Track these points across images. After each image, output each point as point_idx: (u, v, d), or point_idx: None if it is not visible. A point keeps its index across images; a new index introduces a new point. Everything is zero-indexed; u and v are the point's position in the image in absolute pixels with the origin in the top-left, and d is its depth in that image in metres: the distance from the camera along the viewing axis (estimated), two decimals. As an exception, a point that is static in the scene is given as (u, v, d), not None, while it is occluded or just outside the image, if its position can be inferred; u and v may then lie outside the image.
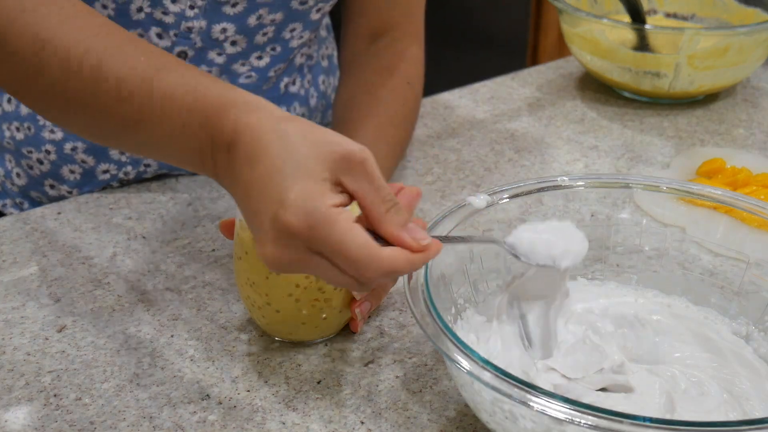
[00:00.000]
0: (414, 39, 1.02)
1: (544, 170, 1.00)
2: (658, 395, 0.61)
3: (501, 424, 0.57)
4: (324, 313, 0.70)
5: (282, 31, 0.92)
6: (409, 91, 0.98)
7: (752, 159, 1.00)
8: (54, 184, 0.98)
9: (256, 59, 0.93)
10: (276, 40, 0.93)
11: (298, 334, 0.72)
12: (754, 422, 0.50)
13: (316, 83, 1.06)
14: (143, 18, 0.87)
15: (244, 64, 0.93)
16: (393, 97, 0.95)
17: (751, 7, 1.20)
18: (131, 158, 0.95)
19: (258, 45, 0.92)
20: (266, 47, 0.93)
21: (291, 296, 0.69)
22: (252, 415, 0.66)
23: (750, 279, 0.69)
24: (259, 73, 0.95)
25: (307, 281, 0.68)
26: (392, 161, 0.92)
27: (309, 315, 0.70)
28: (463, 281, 0.69)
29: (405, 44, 1.00)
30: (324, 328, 0.72)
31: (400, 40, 1.00)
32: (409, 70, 0.99)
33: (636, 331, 0.69)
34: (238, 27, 0.89)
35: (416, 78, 1.00)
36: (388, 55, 0.99)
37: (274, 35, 0.92)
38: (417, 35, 1.02)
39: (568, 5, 1.15)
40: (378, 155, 0.90)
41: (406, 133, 0.97)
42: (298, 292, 0.68)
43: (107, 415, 0.66)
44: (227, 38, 0.89)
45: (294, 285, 0.68)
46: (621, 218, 0.74)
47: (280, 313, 0.70)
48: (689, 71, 1.10)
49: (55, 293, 0.79)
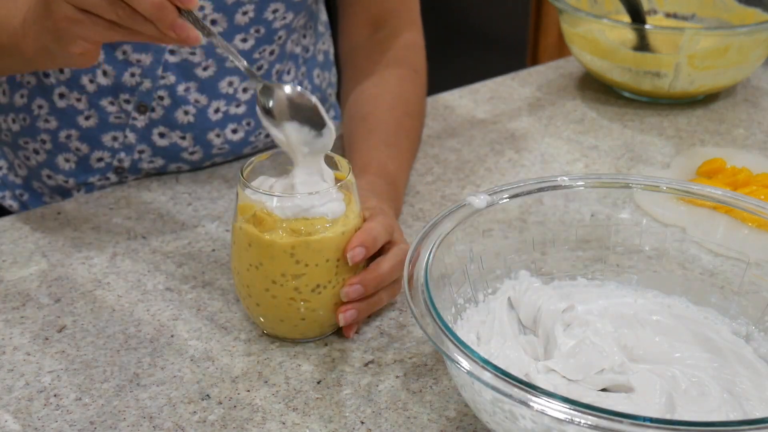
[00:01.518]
0: (413, 25, 1.03)
1: (544, 170, 1.00)
2: (658, 395, 0.61)
3: (501, 424, 0.57)
4: (302, 315, 0.70)
5: (263, 12, 0.93)
6: (417, 79, 1.00)
7: (752, 159, 1.00)
8: (51, 174, 0.99)
9: (241, 41, 0.94)
10: (258, 21, 0.94)
11: (279, 330, 0.72)
12: (754, 422, 0.50)
13: (311, 76, 1.06)
14: None
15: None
16: (404, 88, 0.97)
17: (751, 7, 1.20)
18: (124, 144, 0.96)
19: (240, 26, 0.93)
20: (249, 29, 0.94)
21: (268, 291, 0.70)
22: (252, 415, 0.66)
23: (750, 279, 0.69)
24: (245, 55, 0.95)
25: (282, 279, 0.69)
26: (413, 153, 0.95)
27: (287, 313, 0.70)
28: (463, 281, 0.69)
29: (405, 32, 1.02)
30: (305, 329, 0.72)
31: (399, 28, 1.02)
32: (413, 57, 1.01)
33: (636, 331, 0.69)
34: (216, 4, 0.90)
35: (420, 65, 1.02)
36: (391, 44, 1.00)
37: (255, 15, 0.93)
38: (415, 21, 1.04)
39: (568, 5, 1.15)
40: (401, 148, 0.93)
41: (420, 122, 0.99)
42: (274, 288, 0.69)
43: (107, 415, 0.66)
44: (206, 16, 0.90)
45: (270, 281, 0.69)
46: (621, 218, 0.74)
47: (260, 306, 0.71)
48: (689, 71, 1.10)
49: (55, 293, 0.79)
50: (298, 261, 0.68)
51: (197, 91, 0.95)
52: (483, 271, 0.71)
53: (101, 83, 0.93)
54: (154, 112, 0.95)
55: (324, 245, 0.68)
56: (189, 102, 0.95)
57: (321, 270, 0.69)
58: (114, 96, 0.93)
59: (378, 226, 0.71)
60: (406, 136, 0.94)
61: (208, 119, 0.96)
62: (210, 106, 0.96)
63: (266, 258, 0.68)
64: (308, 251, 0.68)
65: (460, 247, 0.68)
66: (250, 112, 0.99)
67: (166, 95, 0.94)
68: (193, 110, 0.95)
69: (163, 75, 0.93)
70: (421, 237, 0.65)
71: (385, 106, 0.95)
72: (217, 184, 0.97)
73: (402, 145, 0.92)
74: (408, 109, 0.96)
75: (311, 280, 0.69)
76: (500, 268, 0.72)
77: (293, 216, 0.68)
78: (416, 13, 1.04)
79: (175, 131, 0.96)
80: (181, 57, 0.92)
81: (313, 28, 1.06)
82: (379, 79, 0.97)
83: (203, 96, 0.95)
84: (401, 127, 0.94)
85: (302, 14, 0.99)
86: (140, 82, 0.93)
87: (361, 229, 0.71)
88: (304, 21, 1.02)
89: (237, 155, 1.01)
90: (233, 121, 0.98)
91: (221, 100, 0.96)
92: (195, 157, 0.98)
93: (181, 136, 0.96)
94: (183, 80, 0.94)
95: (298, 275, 0.69)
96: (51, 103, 0.94)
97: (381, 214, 0.73)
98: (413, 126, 0.96)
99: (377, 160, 0.88)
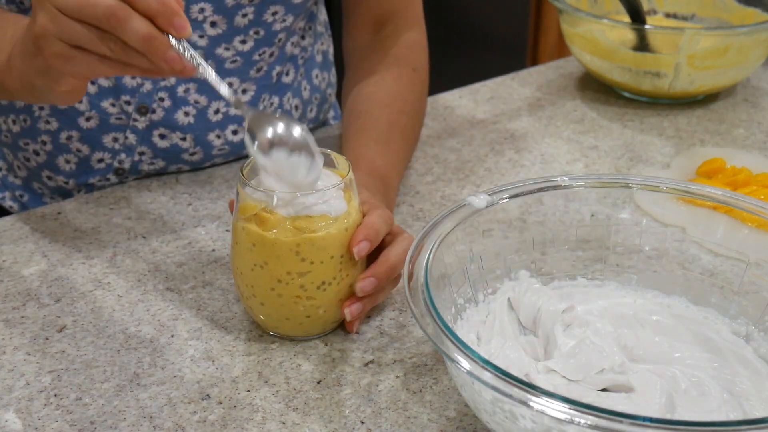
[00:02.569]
0: (415, 24, 1.03)
1: (544, 170, 1.00)
2: (658, 395, 0.61)
3: (501, 424, 0.57)
4: (307, 312, 0.71)
5: (263, 14, 0.93)
6: (415, 78, 0.99)
7: (752, 159, 1.00)
8: (51, 175, 0.99)
9: (240, 43, 0.94)
10: (258, 23, 0.93)
11: (283, 328, 0.72)
12: (754, 422, 0.50)
13: (310, 77, 1.06)
14: None
15: (228, 48, 0.93)
16: (401, 86, 0.97)
17: (751, 7, 1.20)
18: (124, 146, 0.96)
19: (239, 28, 0.93)
20: (249, 30, 0.93)
21: (273, 290, 0.70)
22: (252, 415, 0.66)
23: (750, 279, 0.69)
24: (244, 57, 0.95)
25: (288, 277, 0.69)
26: (408, 150, 0.95)
27: (292, 311, 0.70)
28: (463, 281, 0.69)
29: (407, 31, 1.02)
30: (309, 327, 0.72)
31: (402, 28, 1.02)
32: (413, 56, 1.00)
33: (636, 332, 0.69)
34: (215, 7, 0.90)
35: (421, 64, 1.01)
36: (392, 43, 1.00)
37: (255, 17, 0.93)
38: (418, 20, 1.04)
39: (568, 5, 1.15)
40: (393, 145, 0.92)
41: (417, 120, 0.99)
42: (280, 287, 0.69)
43: (107, 414, 0.66)
44: (206, 18, 0.90)
45: (276, 280, 0.69)
46: (621, 218, 0.74)
47: (265, 306, 0.71)
48: (689, 71, 1.10)
49: (55, 293, 0.79)
50: (303, 259, 0.68)
51: (197, 92, 0.95)
52: (483, 271, 0.71)
53: (102, 85, 0.93)
54: (154, 114, 0.95)
55: (328, 242, 0.68)
56: (189, 103, 0.95)
57: (326, 267, 0.69)
58: (115, 97, 0.93)
59: (378, 220, 0.72)
60: (400, 134, 0.93)
61: (209, 120, 0.96)
62: (210, 107, 0.96)
63: (271, 257, 0.68)
64: (313, 249, 0.68)
65: (460, 247, 0.68)
66: None
67: (167, 96, 0.94)
68: (194, 111, 0.95)
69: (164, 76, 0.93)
70: (421, 237, 0.65)
71: (379, 104, 0.94)
72: (217, 184, 0.97)
73: (394, 143, 0.92)
74: (404, 107, 0.96)
75: (317, 277, 0.69)
76: (500, 268, 0.72)
77: (296, 213, 0.68)
78: (419, 13, 1.04)
79: (175, 132, 0.96)
80: None
81: (312, 29, 1.06)
82: (378, 77, 0.97)
83: (203, 97, 0.95)
84: (395, 125, 0.93)
85: (302, 16, 0.99)
86: (141, 84, 0.93)
87: (362, 224, 0.71)
88: (303, 22, 1.02)
89: (237, 156, 1.01)
90: (233, 122, 0.98)
91: (221, 101, 0.96)
92: (195, 158, 0.98)
93: (181, 137, 0.96)
94: (183, 81, 0.94)
95: (304, 273, 0.69)
96: (51, 104, 0.94)
97: (378, 208, 0.74)
98: (408, 123, 0.96)
99: (366, 158, 0.88)
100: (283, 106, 1.03)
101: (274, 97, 1.01)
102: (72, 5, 0.64)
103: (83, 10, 0.64)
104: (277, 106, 1.02)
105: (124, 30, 0.64)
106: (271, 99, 1.01)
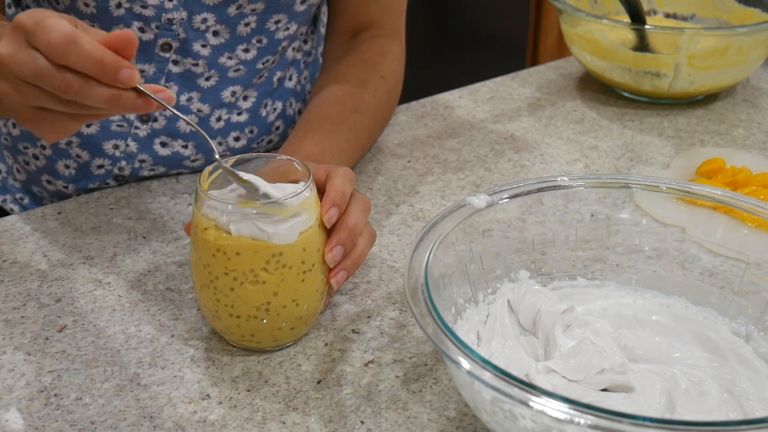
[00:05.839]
0: (393, 36, 1.03)
1: (544, 170, 1.00)
2: (658, 395, 0.61)
3: (501, 424, 0.57)
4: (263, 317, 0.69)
5: (266, 22, 0.93)
6: (380, 84, 0.97)
7: (752, 159, 1.00)
8: (50, 180, 0.99)
9: (243, 51, 0.94)
10: (261, 31, 0.93)
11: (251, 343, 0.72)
12: (754, 422, 0.50)
13: (313, 80, 1.06)
14: (123, 13, 0.87)
15: (231, 57, 0.93)
16: (363, 89, 0.95)
17: (751, 7, 1.20)
18: (125, 153, 0.96)
19: (242, 36, 0.92)
20: (251, 39, 0.93)
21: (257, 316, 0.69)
22: (252, 415, 0.66)
23: (750, 279, 0.69)
24: (248, 66, 0.95)
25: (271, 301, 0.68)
26: (353, 144, 0.92)
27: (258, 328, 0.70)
28: (463, 281, 0.69)
29: (384, 41, 1.01)
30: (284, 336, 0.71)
31: (379, 37, 1.01)
32: (385, 64, 0.99)
33: (636, 332, 0.69)
34: (218, 17, 0.90)
35: (391, 73, 1.00)
36: (365, 48, 1.00)
37: (257, 26, 0.92)
38: (397, 33, 1.03)
39: (568, 5, 1.15)
40: (335, 137, 0.90)
41: (374, 121, 0.96)
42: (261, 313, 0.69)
43: (108, 414, 0.66)
44: (209, 28, 0.90)
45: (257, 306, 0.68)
46: (621, 218, 0.74)
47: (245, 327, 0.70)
48: (689, 71, 1.10)
49: (55, 293, 0.79)
50: None
51: (199, 101, 0.95)
52: (483, 271, 0.71)
53: None
54: (156, 122, 0.94)
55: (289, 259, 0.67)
56: (191, 111, 0.95)
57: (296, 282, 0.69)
58: None
59: (343, 180, 0.72)
60: (349, 130, 0.91)
61: (211, 128, 0.96)
62: (212, 115, 0.96)
63: None
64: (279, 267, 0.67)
65: (460, 247, 0.68)
66: (252, 120, 0.99)
67: None
68: (195, 119, 0.95)
69: (166, 85, 0.92)
70: (421, 237, 0.65)
71: (333, 102, 0.92)
72: (217, 184, 0.97)
73: (337, 136, 0.89)
74: (359, 107, 0.93)
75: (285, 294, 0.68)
76: (500, 268, 0.72)
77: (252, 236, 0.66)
78: (399, 26, 1.03)
79: (177, 140, 0.96)
80: (184, 67, 0.92)
81: (315, 33, 1.06)
82: (342, 79, 0.96)
83: (205, 105, 0.95)
84: (343, 120, 0.91)
85: (304, 22, 0.99)
86: None
87: (327, 189, 0.70)
88: (305, 27, 1.02)
89: None
90: (235, 129, 0.98)
91: (223, 109, 0.96)
92: (197, 164, 0.98)
93: (183, 145, 0.96)
94: (185, 90, 0.94)
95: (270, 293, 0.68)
96: None
97: (338, 167, 0.73)
98: (361, 122, 0.93)
99: (296, 146, 0.86)
100: (285, 111, 1.02)
101: (277, 103, 1.01)
102: (29, 77, 0.64)
103: (40, 82, 0.64)
104: (280, 112, 1.02)
105: (86, 98, 0.64)
106: (273, 105, 1.01)
